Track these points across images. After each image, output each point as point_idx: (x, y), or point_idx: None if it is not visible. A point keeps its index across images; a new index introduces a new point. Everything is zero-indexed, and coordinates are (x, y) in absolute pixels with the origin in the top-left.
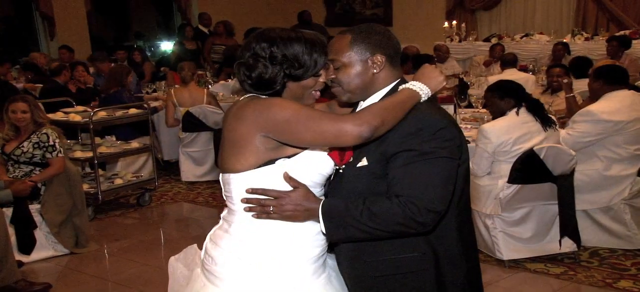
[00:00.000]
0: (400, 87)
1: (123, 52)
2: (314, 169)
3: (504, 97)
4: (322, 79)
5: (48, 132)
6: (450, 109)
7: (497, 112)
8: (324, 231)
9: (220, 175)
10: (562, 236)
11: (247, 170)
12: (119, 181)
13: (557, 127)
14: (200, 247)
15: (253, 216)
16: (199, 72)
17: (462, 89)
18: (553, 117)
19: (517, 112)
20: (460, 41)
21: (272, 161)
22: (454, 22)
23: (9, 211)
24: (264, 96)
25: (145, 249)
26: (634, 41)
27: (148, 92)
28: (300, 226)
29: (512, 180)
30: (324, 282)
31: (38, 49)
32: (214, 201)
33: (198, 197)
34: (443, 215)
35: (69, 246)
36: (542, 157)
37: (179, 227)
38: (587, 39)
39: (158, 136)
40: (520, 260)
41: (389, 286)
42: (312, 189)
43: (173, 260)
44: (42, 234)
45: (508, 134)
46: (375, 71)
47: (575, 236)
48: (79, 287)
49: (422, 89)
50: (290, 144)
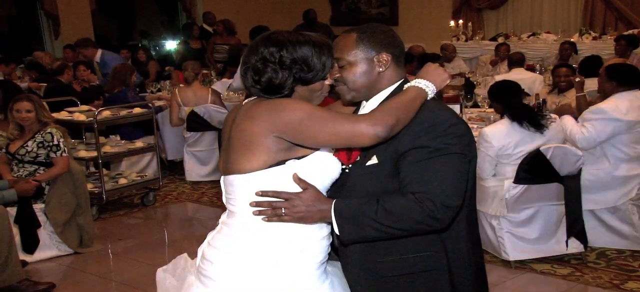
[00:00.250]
0: (406, 86)
1: (127, 51)
2: (323, 171)
3: (495, 102)
4: (327, 82)
5: (52, 132)
6: (457, 108)
7: (499, 114)
8: (337, 232)
9: (222, 177)
10: (568, 237)
11: (255, 170)
12: (123, 181)
13: (552, 123)
14: (191, 256)
15: (263, 219)
16: (204, 72)
17: (468, 88)
18: (551, 115)
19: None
20: (467, 40)
21: (282, 162)
22: (460, 21)
23: (13, 211)
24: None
25: (149, 249)
26: None
27: (152, 92)
28: (304, 231)
29: (518, 180)
30: (328, 288)
31: (42, 48)
32: (219, 201)
33: (202, 197)
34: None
35: (73, 246)
36: (548, 157)
37: (183, 227)
38: (594, 38)
39: (162, 136)
40: (527, 261)
41: (402, 286)
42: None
43: (161, 271)
44: (46, 233)
45: (508, 137)
46: (381, 70)
47: (582, 237)
48: (83, 287)
49: (428, 86)
50: (304, 144)
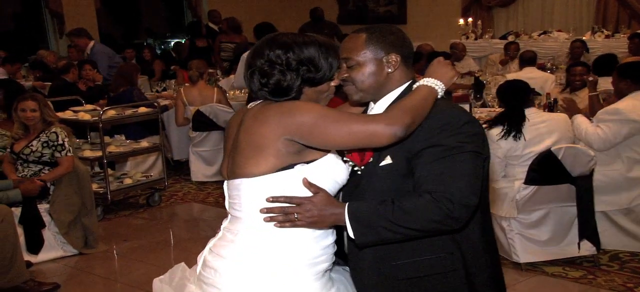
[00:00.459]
0: (416, 85)
1: (131, 51)
2: (331, 175)
3: (501, 102)
4: (333, 82)
5: (57, 131)
6: (466, 108)
7: None
8: (352, 235)
9: (226, 182)
10: (580, 239)
11: (263, 174)
12: (129, 181)
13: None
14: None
15: (275, 225)
16: (210, 71)
17: (477, 87)
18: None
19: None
20: (476, 39)
21: (290, 166)
22: (470, 20)
23: (18, 211)
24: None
25: (155, 249)
26: None
27: (158, 91)
28: (310, 238)
29: (528, 181)
30: None
31: (47, 46)
32: (224, 201)
33: (208, 198)
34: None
35: (78, 247)
36: (560, 158)
37: (189, 228)
38: (607, 36)
39: (168, 135)
40: (538, 263)
41: (418, 289)
42: None
43: (157, 281)
44: (51, 234)
45: (515, 138)
46: (390, 71)
47: (595, 239)
48: (88, 288)
49: (437, 84)
50: (317, 146)
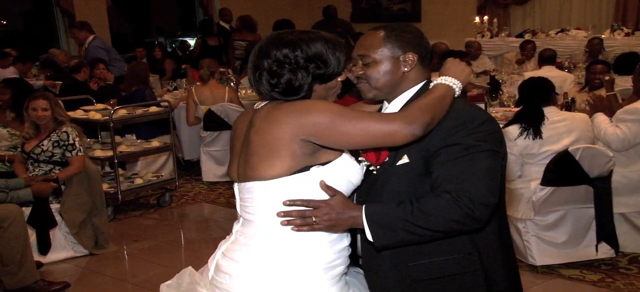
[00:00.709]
0: (433, 84)
1: (142, 49)
2: (347, 176)
3: (521, 99)
4: (340, 78)
5: (68, 131)
6: (481, 107)
7: None
8: (370, 238)
9: (237, 184)
10: (598, 241)
11: (279, 177)
12: (139, 181)
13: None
14: (206, 259)
15: (292, 229)
16: (221, 69)
17: (493, 86)
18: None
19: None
20: (492, 37)
21: (306, 168)
22: (486, 18)
23: (28, 210)
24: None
25: (165, 250)
26: None
27: (169, 90)
28: (325, 241)
29: (545, 182)
30: None
31: (58, 45)
32: (236, 202)
33: (219, 198)
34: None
35: (89, 247)
36: (577, 158)
37: (200, 229)
38: (627, 34)
39: (178, 135)
40: (554, 266)
41: (436, 290)
42: None
43: (164, 287)
44: (61, 234)
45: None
46: (406, 70)
47: (613, 241)
48: (98, 289)
49: (454, 83)
50: (333, 146)
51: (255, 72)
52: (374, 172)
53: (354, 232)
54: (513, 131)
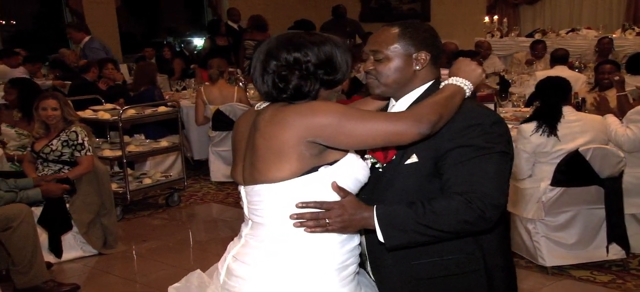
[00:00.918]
0: (444, 84)
1: (151, 49)
2: (354, 175)
3: (539, 98)
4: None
5: (77, 131)
6: (491, 107)
7: None
8: (381, 238)
9: (243, 187)
10: (609, 242)
11: (287, 179)
12: (148, 181)
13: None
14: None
15: (306, 231)
16: (230, 69)
17: (503, 87)
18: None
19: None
20: (502, 37)
21: (315, 169)
22: (495, 17)
23: (38, 210)
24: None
25: (174, 250)
26: None
27: (178, 90)
28: (336, 241)
29: (555, 182)
30: None
31: (67, 45)
32: None
33: (227, 198)
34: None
35: (97, 247)
36: (588, 159)
37: (208, 229)
38: (638, 33)
39: (188, 135)
40: (565, 267)
41: (438, 288)
42: None
43: (172, 290)
44: (70, 234)
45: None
46: (417, 68)
47: (624, 242)
48: (107, 289)
49: (465, 83)
50: (341, 147)
51: (263, 74)
52: (380, 170)
53: (359, 231)
54: (528, 128)
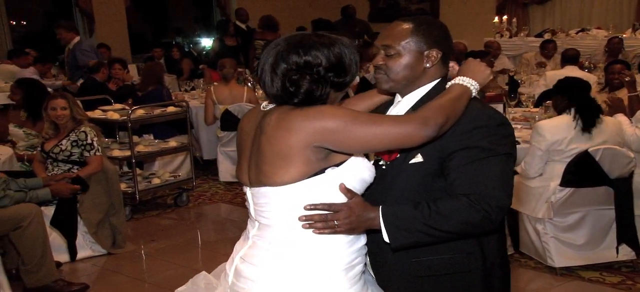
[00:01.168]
0: (450, 84)
1: (160, 49)
2: (360, 175)
3: (562, 95)
4: None
5: (86, 131)
6: (500, 107)
7: (558, 111)
8: (387, 239)
9: (249, 189)
10: (619, 243)
11: (294, 182)
12: (157, 181)
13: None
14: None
15: (314, 232)
16: (239, 70)
17: (512, 87)
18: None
19: (570, 113)
20: (511, 37)
21: (322, 171)
22: (505, 17)
23: (48, 210)
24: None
25: (183, 250)
26: None
27: (186, 90)
28: (343, 242)
29: (565, 183)
30: None
31: None
32: None
33: (236, 198)
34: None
35: (106, 246)
36: (597, 159)
37: (217, 229)
38: None
39: (196, 135)
40: (574, 268)
41: (436, 286)
42: None
43: None
44: (79, 234)
45: (563, 132)
46: (428, 66)
47: (634, 243)
48: (116, 289)
49: (472, 84)
50: (348, 151)
51: (272, 77)
52: (384, 167)
53: None
54: (548, 126)
